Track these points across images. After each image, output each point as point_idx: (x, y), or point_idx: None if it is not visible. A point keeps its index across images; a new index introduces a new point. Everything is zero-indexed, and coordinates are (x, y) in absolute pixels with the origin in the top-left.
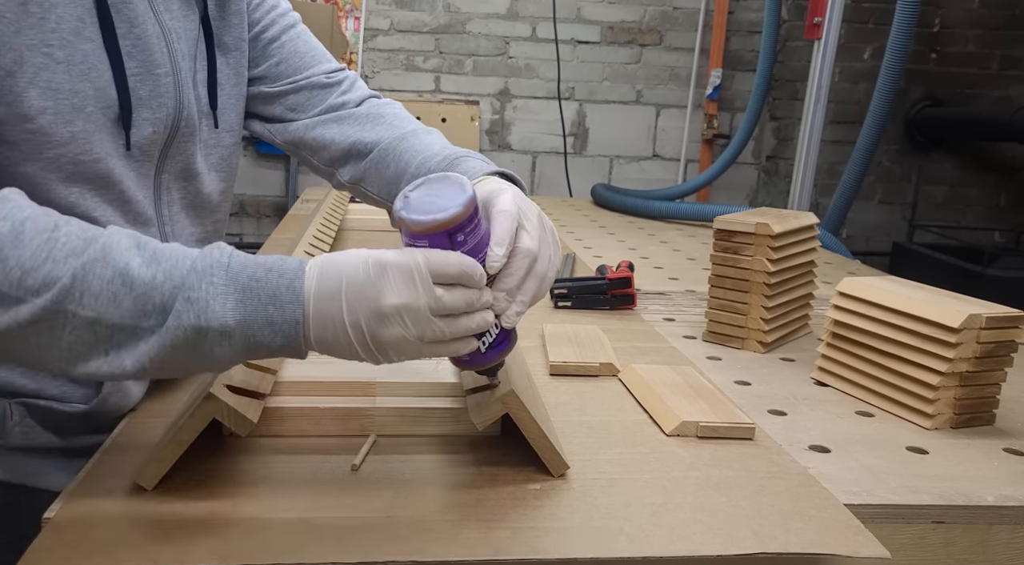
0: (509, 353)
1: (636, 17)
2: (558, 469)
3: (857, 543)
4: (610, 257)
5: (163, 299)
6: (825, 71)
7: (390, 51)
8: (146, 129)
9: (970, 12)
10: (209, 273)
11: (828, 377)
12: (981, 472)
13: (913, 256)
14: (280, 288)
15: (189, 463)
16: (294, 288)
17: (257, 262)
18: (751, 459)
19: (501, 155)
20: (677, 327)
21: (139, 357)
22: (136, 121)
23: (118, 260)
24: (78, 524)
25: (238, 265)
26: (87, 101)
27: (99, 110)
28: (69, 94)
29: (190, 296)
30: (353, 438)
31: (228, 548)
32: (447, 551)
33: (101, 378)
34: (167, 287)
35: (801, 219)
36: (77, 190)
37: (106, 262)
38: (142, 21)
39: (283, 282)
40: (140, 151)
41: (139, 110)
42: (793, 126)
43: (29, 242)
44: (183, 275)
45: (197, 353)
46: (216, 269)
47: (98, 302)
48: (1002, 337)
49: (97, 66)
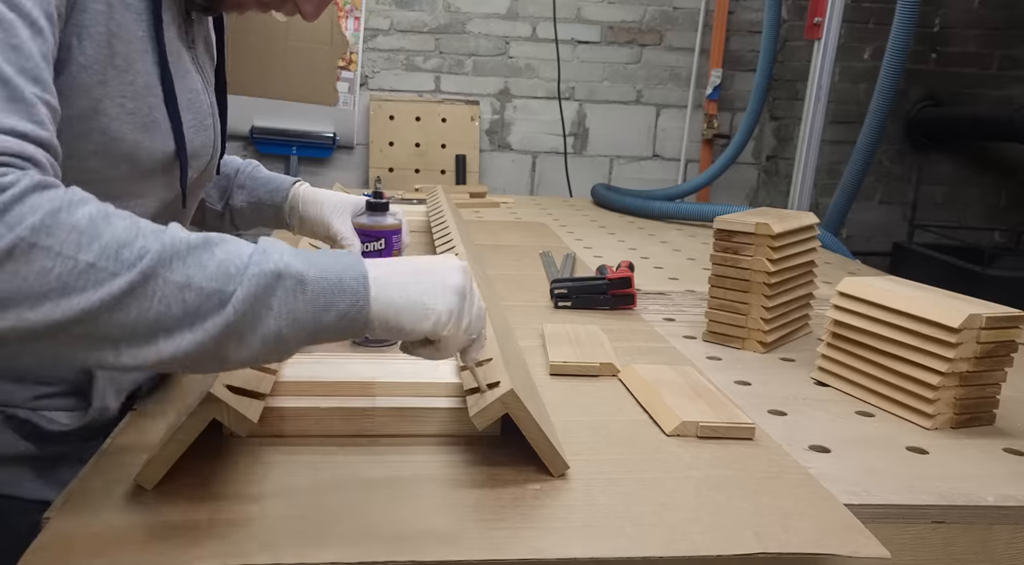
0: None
1: (636, 17)
2: (558, 469)
3: (857, 543)
4: (610, 257)
5: (242, 262)
6: (825, 71)
7: (390, 51)
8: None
9: (970, 12)
10: (274, 242)
11: (828, 377)
12: (981, 472)
13: (913, 256)
14: (341, 256)
15: (189, 463)
16: (354, 255)
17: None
18: (751, 459)
19: (501, 155)
20: (677, 327)
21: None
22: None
23: (195, 234)
24: (78, 524)
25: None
26: (140, 151)
27: (150, 159)
28: (131, 146)
29: (265, 248)
30: (353, 438)
31: (228, 548)
32: (447, 551)
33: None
34: (245, 252)
35: (801, 219)
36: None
37: (187, 236)
38: (191, 74)
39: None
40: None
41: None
42: (793, 126)
43: (119, 221)
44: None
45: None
46: (276, 242)
47: (186, 266)
48: (1002, 337)
49: (159, 119)
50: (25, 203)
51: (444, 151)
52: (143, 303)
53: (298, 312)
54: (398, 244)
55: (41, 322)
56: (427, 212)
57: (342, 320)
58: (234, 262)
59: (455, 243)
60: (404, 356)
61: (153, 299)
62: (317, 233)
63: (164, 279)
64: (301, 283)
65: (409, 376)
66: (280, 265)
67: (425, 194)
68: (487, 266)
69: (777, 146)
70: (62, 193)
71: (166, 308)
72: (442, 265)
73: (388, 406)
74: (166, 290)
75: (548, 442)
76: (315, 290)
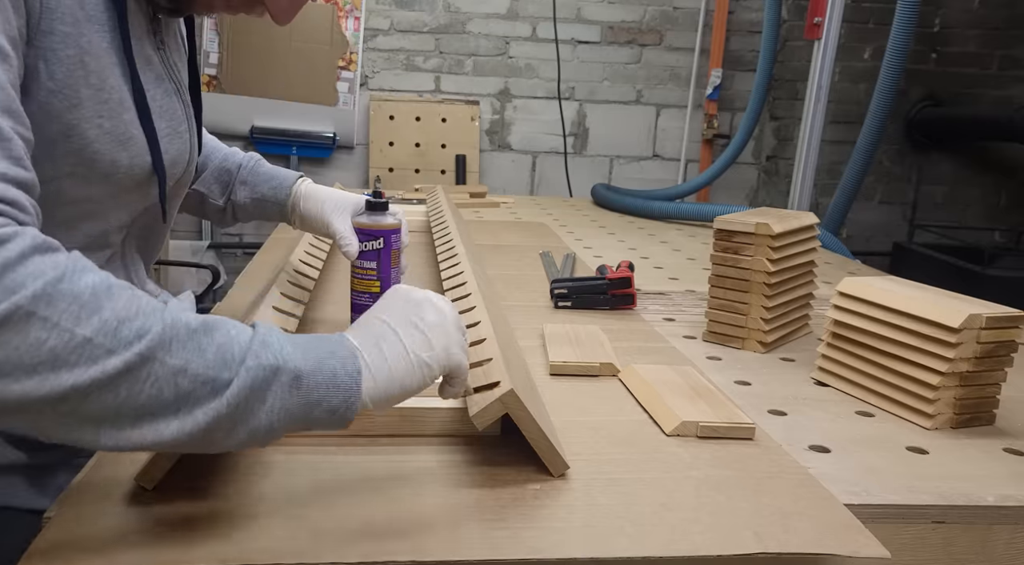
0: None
1: (636, 17)
2: (558, 469)
3: (857, 543)
4: (610, 257)
5: (240, 350)
6: (825, 71)
7: (390, 51)
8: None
9: (970, 12)
10: (272, 330)
11: (828, 377)
12: (981, 472)
13: (913, 256)
14: (334, 345)
15: (189, 463)
16: (345, 343)
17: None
18: (751, 459)
19: (501, 155)
20: (677, 327)
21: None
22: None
23: (193, 316)
24: (78, 524)
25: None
26: (118, 169)
27: (128, 176)
28: (108, 165)
29: (265, 340)
30: (353, 438)
31: (228, 548)
32: (447, 551)
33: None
34: (244, 339)
35: (801, 219)
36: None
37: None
38: (163, 80)
39: (334, 342)
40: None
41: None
42: (793, 126)
43: (120, 293)
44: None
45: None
46: (274, 330)
47: (185, 350)
48: (1002, 337)
49: (135, 135)
50: (27, 266)
51: (444, 151)
52: (135, 386)
53: (291, 407)
54: (397, 244)
55: (27, 395)
56: (427, 212)
57: (332, 415)
58: (232, 349)
59: (455, 243)
60: None
61: (146, 382)
62: (317, 230)
63: (161, 362)
64: (297, 379)
65: None
66: (279, 359)
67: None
68: (487, 266)
69: (777, 146)
70: (64, 259)
71: (158, 392)
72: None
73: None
74: (161, 373)
75: (548, 442)
76: (309, 385)
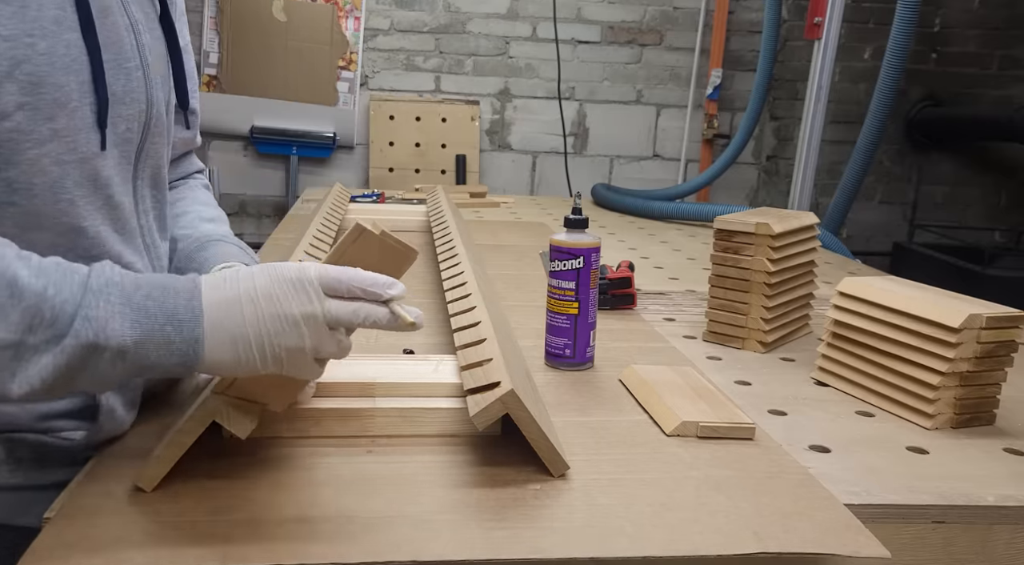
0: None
1: (636, 17)
2: (558, 469)
3: (857, 543)
4: (610, 257)
5: (53, 314)
6: (825, 71)
7: (390, 51)
8: (120, 126)
9: (970, 12)
10: (105, 291)
11: (828, 377)
12: (981, 472)
13: (913, 256)
14: (178, 307)
15: (189, 464)
16: (192, 307)
17: (149, 281)
18: (751, 459)
19: (501, 155)
20: (677, 327)
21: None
22: (112, 118)
23: (5, 268)
24: (78, 524)
25: (131, 284)
26: (71, 96)
27: (84, 106)
28: (52, 89)
29: (88, 314)
30: (353, 438)
31: (228, 548)
32: (447, 551)
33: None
34: (58, 301)
35: (801, 219)
36: (67, 197)
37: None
38: (112, 11)
39: (180, 301)
40: (118, 151)
41: (115, 106)
42: (793, 126)
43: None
44: (74, 291)
45: (85, 371)
46: (111, 287)
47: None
48: (1002, 337)
49: (79, 58)
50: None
51: (444, 151)
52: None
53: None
54: (596, 263)
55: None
56: (427, 212)
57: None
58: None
59: (455, 243)
60: (405, 357)
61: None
62: None
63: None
64: (122, 353)
65: (409, 376)
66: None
67: (425, 194)
68: (487, 266)
69: (777, 146)
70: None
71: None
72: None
73: (388, 406)
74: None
75: (548, 442)
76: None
